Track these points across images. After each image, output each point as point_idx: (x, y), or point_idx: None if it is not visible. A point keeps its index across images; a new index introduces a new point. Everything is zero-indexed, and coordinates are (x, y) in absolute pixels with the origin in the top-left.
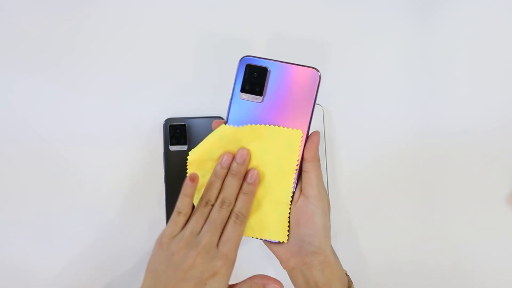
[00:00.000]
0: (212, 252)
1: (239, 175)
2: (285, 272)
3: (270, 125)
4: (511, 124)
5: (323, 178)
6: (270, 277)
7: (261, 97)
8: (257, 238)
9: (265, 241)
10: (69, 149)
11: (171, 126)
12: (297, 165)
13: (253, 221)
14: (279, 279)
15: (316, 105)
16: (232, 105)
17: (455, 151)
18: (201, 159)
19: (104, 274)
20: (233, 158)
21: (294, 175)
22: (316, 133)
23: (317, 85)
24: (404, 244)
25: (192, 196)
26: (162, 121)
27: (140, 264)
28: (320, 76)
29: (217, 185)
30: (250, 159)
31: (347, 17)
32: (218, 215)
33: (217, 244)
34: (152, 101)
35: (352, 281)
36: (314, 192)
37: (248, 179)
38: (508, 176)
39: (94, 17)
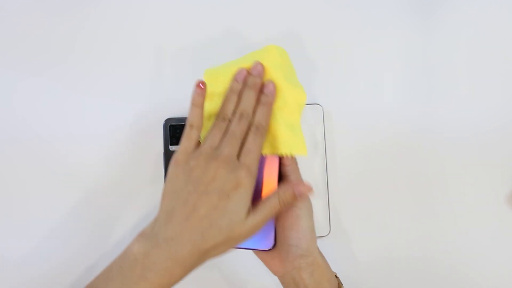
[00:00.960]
0: (233, 164)
1: (256, 87)
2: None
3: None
4: (511, 124)
5: (323, 178)
6: (298, 181)
7: None
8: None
9: (254, 251)
10: (69, 148)
11: (171, 126)
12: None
13: (271, 137)
14: (274, 286)
15: (315, 105)
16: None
17: (455, 151)
18: (214, 77)
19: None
20: (248, 73)
21: (299, 114)
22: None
23: None
24: (403, 244)
25: (202, 106)
26: (162, 121)
27: None
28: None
29: (234, 99)
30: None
31: (346, 17)
32: (237, 127)
33: (238, 156)
34: (152, 101)
35: (342, 283)
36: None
37: (265, 91)
38: (508, 176)
39: (94, 17)
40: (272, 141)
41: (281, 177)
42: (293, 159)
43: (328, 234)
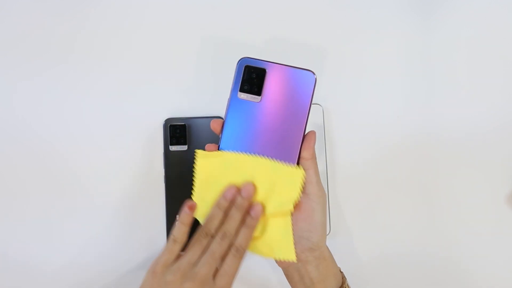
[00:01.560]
0: (208, 285)
1: (243, 209)
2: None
3: (273, 159)
4: (511, 124)
5: (323, 178)
6: None
7: (259, 97)
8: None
9: None
10: (69, 149)
11: (171, 126)
12: (295, 202)
13: (260, 240)
14: (276, 280)
15: (316, 105)
16: (231, 104)
17: (455, 151)
18: (206, 189)
19: (103, 274)
20: (238, 191)
21: (292, 211)
22: (313, 132)
23: (313, 86)
24: (403, 243)
25: (189, 225)
26: (162, 121)
27: (140, 264)
28: (316, 78)
29: (219, 216)
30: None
31: (347, 17)
32: (218, 247)
33: (214, 276)
34: (152, 101)
35: (346, 277)
36: (314, 189)
37: (252, 213)
38: (508, 176)
39: (94, 17)
40: (262, 242)
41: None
42: (313, 153)
43: (328, 233)
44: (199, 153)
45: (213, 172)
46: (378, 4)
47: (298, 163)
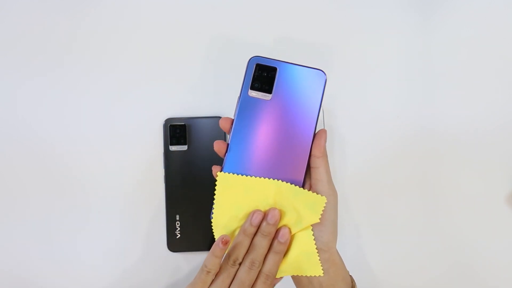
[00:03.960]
0: None
1: (270, 236)
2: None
3: (295, 186)
4: (511, 124)
5: None
6: None
7: (270, 95)
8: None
9: None
10: (69, 149)
11: (171, 126)
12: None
13: (285, 264)
14: (283, 282)
15: None
16: (241, 102)
17: (455, 151)
18: (227, 213)
19: (103, 274)
20: (263, 216)
21: (310, 228)
22: (324, 130)
23: (323, 85)
24: (405, 243)
25: (222, 257)
26: (162, 121)
27: (140, 264)
28: (326, 78)
29: (246, 243)
30: None
31: (347, 17)
32: (247, 276)
33: None
34: (152, 101)
35: (355, 281)
36: (324, 188)
37: (280, 238)
38: (508, 176)
39: (93, 17)
40: (287, 263)
41: (309, 169)
42: (324, 151)
43: None
44: (220, 175)
45: (233, 193)
46: (378, 4)
47: (308, 161)
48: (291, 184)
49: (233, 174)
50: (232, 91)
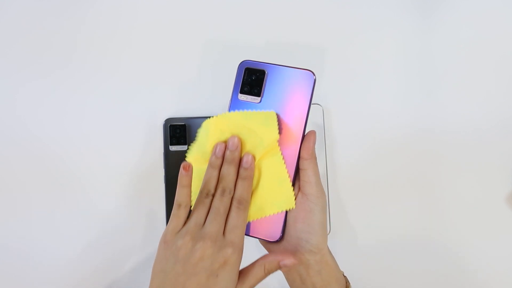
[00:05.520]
0: (219, 242)
1: (235, 162)
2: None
3: (244, 111)
4: (511, 124)
5: (324, 178)
6: (283, 253)
7: (259, 98)
8: (256, 237)
9: (261, 241)
10: (69, 149)
11: (171, 126)
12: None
13: (258, 202)
14: (278, 283)
15: (316, 105)
16: (231, 106)
17: (455, 151)
18: (196, 158)
19: (104, 274)
20: (225, 147)
21: (280, 153)
22: (312, 132)
23: (312, 86)
24: (403, 243)
25: (189, 186)
26: (162, 121)
27: (140, 264)
28: (315, 78)
29: (215, 175)
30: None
31: (346, 17)
32: (220, 203)
33: (223, 233)
34: (152, 101)
35: (350, 281)
36: (312, 190)
37: (244, 164)
38: (508, 176)
39: (93, 18)
40: (259, 206)
41: (298, 170)
42: (313, 153)
43: (328, 233)
44: (204, 123)
45: (199, 144)
46: (377, 4)
47: (297, 163)
48: (240, 111)
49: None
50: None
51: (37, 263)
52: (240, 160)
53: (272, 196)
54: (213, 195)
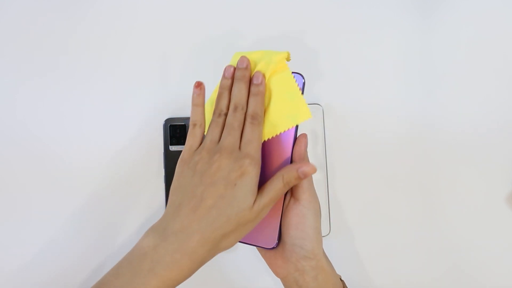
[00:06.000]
0: (236, 153)
1: (245, 79)
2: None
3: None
4: (511, 124)
5: (323, 177)
6: (301, 161)
7: None
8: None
9: (258, 248)
10: (69, 149)
11: (171, 126)
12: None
13: (271, 119)
14: (276, 287)
15: (316, 105)
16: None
17: (455, 151)
18: (208, 110)
19: (103, 273)
20: (235, 68)
21: (288, 69)
22: (304, 135)
23: (301, 88)
24: (403, 245)
25: (202, 105)
26: (162, 121)
27: None
28: (304, 81)
29: (226, 95)
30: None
31: (346, 16)
32: (234, 119)
33: (239, 147)
34: (152, 101)
35: (347, 286)
36: (304, 195)
37: (254, 80)
38: (508, 176)
39: (92, 17)
40: (273, 122)
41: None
42: (305, 157)
43: (328, 233)
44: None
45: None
46: (377, 4)
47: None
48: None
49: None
50: None
51: (38, 263)
52: (251, 78)
53: (285, 111)
54: (226, 114)
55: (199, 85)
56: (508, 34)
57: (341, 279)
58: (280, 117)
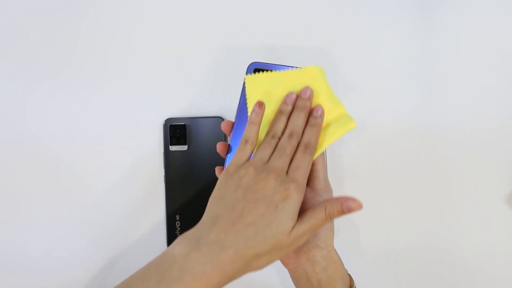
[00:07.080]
0: (283, 176)
1: (306, 110)
2: (287, 275)
3: (315, 65)
4: (511, 123)
5: None
6: (347, 196)
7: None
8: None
9: None
10: (69, 149)
11: (171, 126)
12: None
13: (322, 134)
14: (281, 282)
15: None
16: (240, 105)
17: (455, 151)
18: (257, 84)
19: (104, 274)
20: (297, 96)
21: (325, 79)
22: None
23: None
24: (404, 243)
25: (259, 124)
26: (162, 121)
27: (140, 263)
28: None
29: (283, 120)
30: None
31: (346, 16)
32: (287, 144)
33: (287, 172)
34: (152, 101)
35: (354, 280)
36: (320, 184)
37: (314, 113)
38: (508, 176)
39: (93, 19)
40: (322, 136)
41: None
42: (322, 156)
43: None
44: (247, 77)
45: (263, 90)
46: (377, 4)
47: None
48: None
49: (259, 73)
50: (232, 91)
51: (38, 262)
52: (311, 110)
53: (334, 121)
54: (280, 138)
55: (260, 105)
56: (508, 34)
57: (348, 273)
58: (330, 128)
